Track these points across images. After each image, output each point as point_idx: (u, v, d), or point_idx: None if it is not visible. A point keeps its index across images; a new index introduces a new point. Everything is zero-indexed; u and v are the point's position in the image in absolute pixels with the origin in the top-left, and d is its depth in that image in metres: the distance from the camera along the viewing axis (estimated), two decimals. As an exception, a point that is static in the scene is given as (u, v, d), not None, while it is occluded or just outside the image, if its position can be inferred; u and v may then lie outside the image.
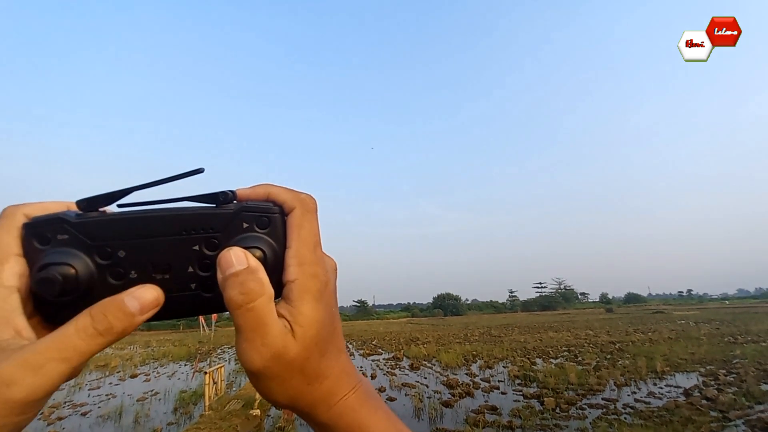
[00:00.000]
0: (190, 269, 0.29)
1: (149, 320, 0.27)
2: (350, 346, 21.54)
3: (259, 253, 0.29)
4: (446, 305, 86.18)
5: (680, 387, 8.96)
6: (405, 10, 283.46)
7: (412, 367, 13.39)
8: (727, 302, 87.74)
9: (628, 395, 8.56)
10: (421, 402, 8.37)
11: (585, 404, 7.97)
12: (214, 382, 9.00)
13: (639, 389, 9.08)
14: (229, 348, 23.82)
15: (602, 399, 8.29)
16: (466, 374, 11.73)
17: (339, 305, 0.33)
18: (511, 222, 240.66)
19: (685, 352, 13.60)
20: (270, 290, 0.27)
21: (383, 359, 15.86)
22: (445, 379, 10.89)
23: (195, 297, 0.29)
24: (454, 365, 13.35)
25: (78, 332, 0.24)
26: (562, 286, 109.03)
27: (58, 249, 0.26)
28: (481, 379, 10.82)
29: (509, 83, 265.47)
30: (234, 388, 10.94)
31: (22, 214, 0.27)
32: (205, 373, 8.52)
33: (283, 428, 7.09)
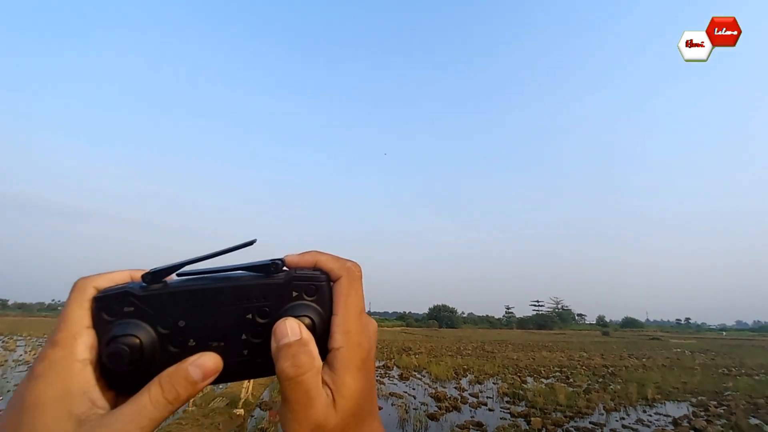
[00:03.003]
0: (243, 336, 0.31)
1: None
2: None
3: (307, 321, 0.30)
4: (442, 317, 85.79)
5: (670, 416, 8.85)
6: (413, 23, 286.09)
7: (401, 377, 13.30)
8: (724, 333, 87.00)
9: (617, 420, 8.47)
10: (407, 413, 8.30)
11: (572, 427, 7.87)
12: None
13: (628, 415, 8.98)
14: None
15: (590, 423, 8.19)
16: (455, 388, 11.64)
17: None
18: (512, 239, 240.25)
19: (677, 381, 13.46)
20: (319, 363, 0.29)
21: (373, 367, 15.75)
22: (434, 391, 10.80)
23: (247, 362, 0.31)
24: (444, 378, 13.26)
25: (152, 402, 0.26)
26: (559, 306, 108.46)
27: (124, 321, 0.29)
28: (469, 394, 10.73)
29: (514, 100, 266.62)
30: (220, 386, 10.87)
31: (92, 287, 0.29)
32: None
33: (266, 429, 7.04)
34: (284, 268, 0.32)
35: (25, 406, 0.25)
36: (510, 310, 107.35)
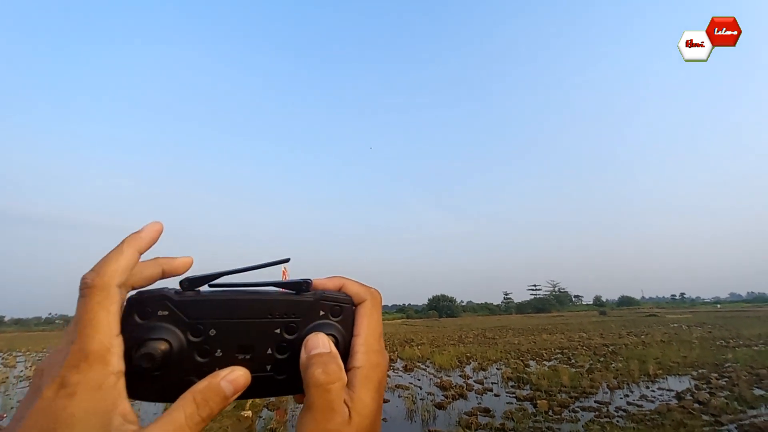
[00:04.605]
0: (269, 351, 0.31)
1: None
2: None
3: (332, 339, 0.32)
4: (441, 307, 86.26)
5: (672, 390, 8.97)
6: (407, 14, 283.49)
7: (405, 369, 13.35)
8: (719, 306, 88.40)
9: (621, 398, 8.56)
10: (414, 404, 8.32)
11: (578, 407, 7.95)
12: (205, 383, 8.89)
13: (631, 392, 9.09)
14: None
15: (595, 402, 8.28)
16: (460, 376, 11.70)
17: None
18: (507, 225, 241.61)
19: (677, 356, 13.65)
20: (345, 378, 0.30)
21: (377, 360, 15.79)
22: (439, 380, 10.85)
23: (269, 379, 0.31)
24: (447, 367, 13.32)
25: (188, 421, 0.26)
26: (556, 289, 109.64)
27: (157, 324, 0.28)
28: (474, 381, 10.79)
29: (507, 89, 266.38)
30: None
31: (115, 287, 0.27)
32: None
33: (275, 430, 7.02)
34: (311, 289, 0.33)
35: (59, 423, 0.23)
36: (508, 296, 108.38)
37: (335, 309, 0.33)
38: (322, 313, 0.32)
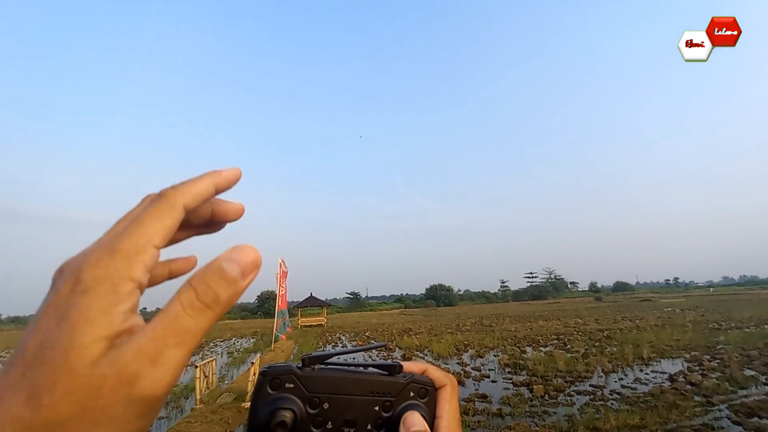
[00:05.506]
0: (369, 426, 0.34)
1: None
2: (343, 337, 21.60)
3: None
4: (439, 296, 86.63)
5: (666, 373, 9.15)
6: (399, 4, 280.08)
7: (404, 358, 13.47)
8: (711, 290, 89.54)
9: (615, 381, 8.72)
10: (413, 392, 8.43)
11: (573, 391, 8.10)
12: (205, 376, 8.96)
13: (626, 375, 9.25)
14: (221, 341, 23.74)
15: (590, 385, 8.43)
16: (458, 363, 11.85)
17: (333, 297, 0.37)
18: (503, 213, 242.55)
19: (670, 339, 13.87)
20: None
21: (376, 350, 15.93)
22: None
23: None
24: (445, 355, 13.48)
25: (185, 309, 0.22)
26: (552, 276, 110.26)
27: (285, 395, 0.32)
28: (472, 368, 10.93)
29: (503, 77, 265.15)
30: (226, 382, 10.92)
31: (181, 204, 0.26)
32: (196, 366, 8.48)
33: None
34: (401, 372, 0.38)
35: (68, 319, 0.21)
36: (505, 284, 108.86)
37: (422, 391, 0.36)
38: (412, 394, 0.36)
